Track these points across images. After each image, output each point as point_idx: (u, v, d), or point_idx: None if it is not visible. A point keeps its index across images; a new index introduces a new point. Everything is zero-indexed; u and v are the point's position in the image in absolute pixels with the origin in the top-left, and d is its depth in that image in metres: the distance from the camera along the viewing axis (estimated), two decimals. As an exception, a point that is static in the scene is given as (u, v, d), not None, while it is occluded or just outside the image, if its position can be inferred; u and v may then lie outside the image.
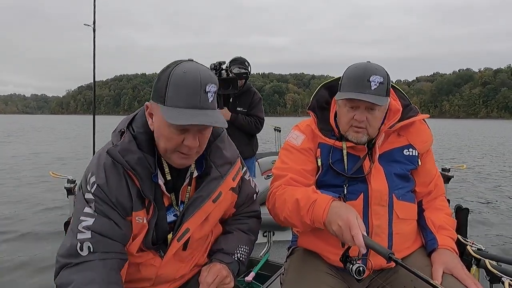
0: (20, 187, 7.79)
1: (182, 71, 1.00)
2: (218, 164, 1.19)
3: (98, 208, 1.04)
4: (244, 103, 3.16)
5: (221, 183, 1.17)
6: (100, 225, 1.03)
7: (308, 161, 1.40)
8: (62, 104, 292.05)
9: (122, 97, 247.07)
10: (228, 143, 1.27)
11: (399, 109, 1.39)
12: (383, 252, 1.06)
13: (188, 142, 1.03)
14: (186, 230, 1.13)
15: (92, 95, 4.70)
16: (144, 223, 1.08)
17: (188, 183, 1.17)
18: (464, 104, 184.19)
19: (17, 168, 10.41)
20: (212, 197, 1.15)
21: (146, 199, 1.08)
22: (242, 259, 1.30)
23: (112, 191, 1.05)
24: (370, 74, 1.27)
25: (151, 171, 1.08)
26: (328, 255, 1.36)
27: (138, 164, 1.05)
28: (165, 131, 1.02)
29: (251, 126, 3.14)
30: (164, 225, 1.13)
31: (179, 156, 1.07)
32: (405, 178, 1.39)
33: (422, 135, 1.42)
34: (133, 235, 1.09)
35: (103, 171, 1.06)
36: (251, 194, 1.39)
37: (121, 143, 1.07)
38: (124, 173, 1.06)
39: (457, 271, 1.20)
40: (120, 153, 1.05)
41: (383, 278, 1.33)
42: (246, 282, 2.20)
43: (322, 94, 1.49)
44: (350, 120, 1.32)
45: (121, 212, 1.06)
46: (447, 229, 1.35)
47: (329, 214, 1.16)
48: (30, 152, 14.88)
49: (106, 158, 1.07)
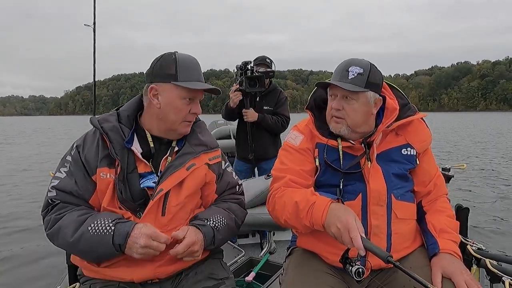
0: (20, 187, 7.81)
1: (183, 55, 1.31)
2: (193, 143, 1.38)
3: (69, 169, 1.27)
4: (270, 102, 3.16)
5: (194, 156, 1.34)
6: (63, 184, 1.25)
7: (306, 161, 1.40)
8: (61, 105, 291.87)
9: (120, 96, 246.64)
10: (205, 131, 1.46)
11: (396, 108, 1.38)
12: (381, 255, 1.07)
13: (196, 110, 1.32)
14: (160, 190, 1.26)
15: (92, 94, 4.70)
16: (108, 178, 1.25)
17: (169, 155, 1.34)
18: (463, 97, 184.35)
19: (17, 168, 10.43)
20: (185, 165, 1.31)
21: (116, 160, 1.25)
22: (217, 227, 1.34)
23: (84, 150, 1.28)
24: (350, 65, 1.31)
25: (123, 137, 1.27)
26: (327, 255, 1.36)
27: (111, 130, 1.27)
28: (178, 103, 1.28)
29: (277, 126, 3.12)
30: (136, 184, 1.27)
31: (185, 124, 1.33)
32: (404, 177, 1.38)
33: (420, 134, 1.42)
34: (101, 190, 1.25)
35: (84, 137, 1.33)
36: (233, 184, 1.52)
37: (103, 115, 1.33)
38: (99, 138, 1.29)
39: (456, 276, 1.17)
40: (99, 121, 1.30)
41: (382, 278, 1.33)
42: (246, 282, 2.20)
43: (319, 94, 1.48)
44: (331, 110, 1.36)
45: (87, 170, 1.26)
46: (449, 232, 1.32)
47: (328, 216, 1.17)
48: (30, 152, 14.90)
49: (91, 129, 1.33)
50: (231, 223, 1.41)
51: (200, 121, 1.47)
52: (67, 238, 1.18)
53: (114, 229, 1.17)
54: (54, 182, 1.27)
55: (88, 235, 1.17)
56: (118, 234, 1.16)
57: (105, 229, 1.17)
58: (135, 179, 1.28)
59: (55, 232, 1.21)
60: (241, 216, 1.49)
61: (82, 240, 1.17)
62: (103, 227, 1.17)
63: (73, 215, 1.21)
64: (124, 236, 1.16)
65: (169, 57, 1.29)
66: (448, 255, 1.26)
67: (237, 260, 2.48)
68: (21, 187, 7.99)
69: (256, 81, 2.82)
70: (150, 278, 1.29)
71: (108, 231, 1.16)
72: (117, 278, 1.27)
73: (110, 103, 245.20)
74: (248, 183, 2.36)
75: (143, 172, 1.30)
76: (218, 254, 1.49)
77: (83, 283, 1.32)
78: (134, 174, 1.28)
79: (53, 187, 1.26)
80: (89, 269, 1.29)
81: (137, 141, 1.32)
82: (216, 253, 1.48)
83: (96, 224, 1.18)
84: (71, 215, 1.21)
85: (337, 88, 1.31)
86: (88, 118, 1.38)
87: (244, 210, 1.53)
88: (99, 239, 1.16)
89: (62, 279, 1.81)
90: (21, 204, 6.37)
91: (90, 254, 1.21)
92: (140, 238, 1.15)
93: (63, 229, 1.19)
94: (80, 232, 1.17)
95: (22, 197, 6.92)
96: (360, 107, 1.32)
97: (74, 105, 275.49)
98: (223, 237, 1.38)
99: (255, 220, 2.23)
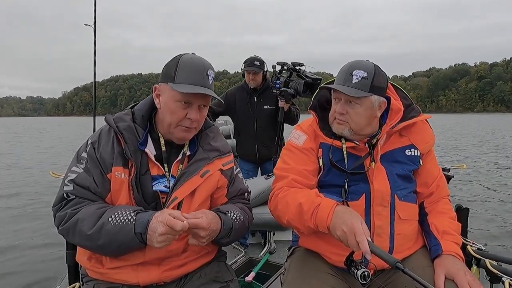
0: (20, 187, 7.78)
1: (189, 57, 1.26)
2: (206, 149, 1.35)
3: (86, 165, 1.24)
4: (269, 100, 3.15)
5: (208, 162, 1.32)
6: (81, 179, 1.22)
7: (310, 161, 1.40)
8: (58, 105, 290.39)
9: (118, 97, 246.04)
10: (219, 136, 1.44)
11: (401, 109, 1.38)
12: (389, 261, 1.06)
13: (191, 115, 1.24)
14: (174, 198, 1.24)
15: (92, 94, 4.68)
16: (122, 178, 1.23)
17: (180, 160, 1.32)
18: (460, 98, 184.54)
19: (17, 168, 10.39)
20: (199, 172, 1.29)
21: (130, 161, 1.23)
22: (236, 220, 1.32)
23: (99, 147, 1.25)
24: (354, 69, 1.30)
25: (137, 138, 1.26)
26: (329, 255, 1.36)
27: (126, 130, 1.26)
28: (172, 105, 1.23)
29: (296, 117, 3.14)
30: (148, 186, 1.25)
31: (181, 129, 1.26)
32: (407, 178, 1.38)
33: (424, 135, 1.41)
34: (116, 190, 1.23)
35: (99, 133, 1.30)
36: (243, 191, 1.49)
37: (118, 114, 1.32)
38: (114, 136, 1.27)
39: (459, 277, 1.17)
40: (114, 120, 1.28)
41: (384, 278, 1.33)
42: (246, 282, 2.20)
43: (323, 94, 1.49)
44: (334, 113, 1.36)
45: (103, 167, 1.23)
46: (451, 234, 1.33)
47: (334, 219, 1.16)
48: (30, 152, 14.86)
49: (105, 126, 1.31)
50: (245, 221, 1.40)
51: (213, 125, 1.45)
52: (85, 231, 1.14)
53: (135, 218, 1.14)
54: (71, 175, 1.23)
55: (108, 226, 1.13)
56: (139, 223, 1.13)
57: (127, 218, 1.14)
58: (147, 181, 1.26)
59: (71, 226, 1.16)
60: (250, 219, 1.47)
61: (102, 231, 1.13)
62: (124, 217, 1.14)
63: (91, 208, 1.18)
64: (145, 225, 1.12)
65: (176, 58, 1.27)
66: (451, 256, 1.26)
67: (237, 260, 2.48)
68: (21, 186, 7.98)
69: (315, 88, 2.74)
70: (156, 281, 1.27)
71: (130, 220, 1.14)
72: (122, 281, 1.25)
73: (108, 104, 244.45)
74: (248, 183, 2.36)
75: (155, 174, 1.28)
76: (222, 256, 1.49)
77: (86, 283, 1.31)
78: (147, 177, 1.26)
79: (71, 181, 1.22)
80: (94, 270, 1.27)
81: (151, 143, 1.30)
82: (221, 255, 1.47)
83: (117, 214, 1.15)
84: (88, 208, 1.18)
85: (340, 91, 1.30)
86: (86, 119, 1.36)
87: (252, 215, 1.51)
88: (120, 229, 1.13)
89: (62, 279, 1.80)
90: (21, 204, 6.36)
91: (110, 246, 1.15)
92: (158, 226, 1.11)
93: (81, 222, 1.15)
94: (100, 223, 1.14)
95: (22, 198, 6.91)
96: (364, 111, 1.31)
97: (72, 106, 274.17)
98: (237, 233, 1.35)
99: (255, 220, 2.22)
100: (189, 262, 1.33)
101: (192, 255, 1.33)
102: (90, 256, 1.27)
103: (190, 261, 1.33)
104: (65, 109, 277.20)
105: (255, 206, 2.23)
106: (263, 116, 3.16)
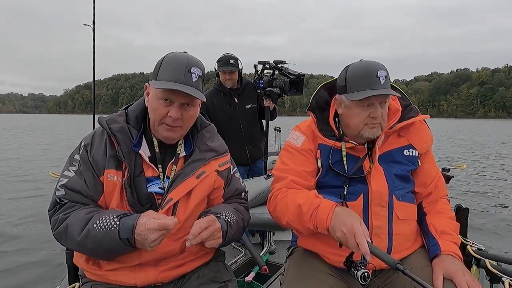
0: (20, 187, 7.78)
1: (175, 54, 1.26)
2: (202, 149, 1.34)
3: (78, 168, 1.24)
4: (250, 99, 3.08)
5: (204, 163, 1.31)
6: (72, 183, 1.22)
7: (308, 162, 1.40)
8: (60, 103, 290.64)
9: (120, 96, 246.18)
10: (215, 136, 1.42)
11: (399, 109, 1.39)
12: (389, 262, 1.07)
13: (172, 113, 1.21)
14: (169, 199, 1.23)
15: (92, 93, 4.68)
16: (115, 180, 1.22)
17: (174, 162, 1.30)
18: (462, 103, 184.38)
19: (17, 169, 10.39)
20: (195, 173, 1.28)
21: (123, 163, 1.22)
22: (229, 222, 1.30)
23: (92, 150, 1.25)
24: (376, 70, 1.28)
25: (131, 140, 1.25)
26: (328, 256, 1.37)
27: (119, 131, 1.24)
28: (154, 103, 1.23)
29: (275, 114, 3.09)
30: (143, 188, 1.24)
31: (164, 128, 1.24)
32: (405, 179, 1.39)
33: (422, 135, 1.42)
34: (109, 193, 1.23)
35: (92, 135, 1.30)
36: (240, 191, 1.48)
37: (111, 115, 1.30)
38: (107, 138, 1.26)
39: (457, 277, 1.18)
40: (107, 121, 1.27)
41: (383, 278, 1.33)
42: (246, 282, 2.21)
43: (321, 95, 1.48)
44: (366, 119, 1.30)
45: (95, 170, 1.23)
46: (450, 234, 1.33)
47: (333, 220, 1.17)
48: (29, 152, 14.86)
49: (98, 128, 1.30)
50: (240, 222, 1.38)
51: (210, 125, 1.43)
52: (75, 237, 1.15)
53: (119, 223, 1.13)
54: (62, 180, 1.23)
55: (94, 232, 1.13)
56: (123, 228, 1.12)
57: (110, 224, 1.13)
58: (142, 183, 1.25)
59: (63, 231, 1.18)
60: (247, 219, 1.46)
61: (89, 237, 1.14)
62: (108, 223, 1.14)
63: (79, 214, 1.18)
64: (130, 229, 1.12)
65: (164, 55, 1.27)
66: (450, 256, 1.26)
67: (237, 260, 2.48)
68: (19, 186, 7.98)
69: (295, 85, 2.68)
70: (153, 282, 1.27)
71: (113, 226, 1.13)
72: (120, 283, 1.25)
73: (110, 102, 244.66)
74: (247, 183, 2.36)
75: (150, 176, 1.27)
76: (221, 256, 1.49)
77: (84, 284, 1.31)
78: (141, 178, 1.25)
79: (62, 186, 1.22)
80: (92, 272, 1.27)
81: (145, 144, 1.29)
82: (219, 255, 1.47)
83: (101, 220, 1.14)
84: (77, 213, 1.18)
85: (383, 94, 1.28)
86: (87, 117, 1.36)
87: (249, 215, 1.50)
88: (104, 236, 1.13)
89: (62, 279, 1.80)
90: (20, 205, 6.36)
91: (98, 251, 1.17)
92: (148, 234, 1.09)
93: (70, 228, 1.16)
94: (87, 230, 1.14)
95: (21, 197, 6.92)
96: (387, 108, 1.33)
97: (73, 104, 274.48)
98: (233, 235, 1.33)
99: (255, 220, 2.22)
100: (187, 263, 1.33)
101: (190, 255, 1.34)
102: (88, 258, 1.27)
103: (188, 262, 1.33)
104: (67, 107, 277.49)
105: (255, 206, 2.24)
106: (248, 116, 3.07)
